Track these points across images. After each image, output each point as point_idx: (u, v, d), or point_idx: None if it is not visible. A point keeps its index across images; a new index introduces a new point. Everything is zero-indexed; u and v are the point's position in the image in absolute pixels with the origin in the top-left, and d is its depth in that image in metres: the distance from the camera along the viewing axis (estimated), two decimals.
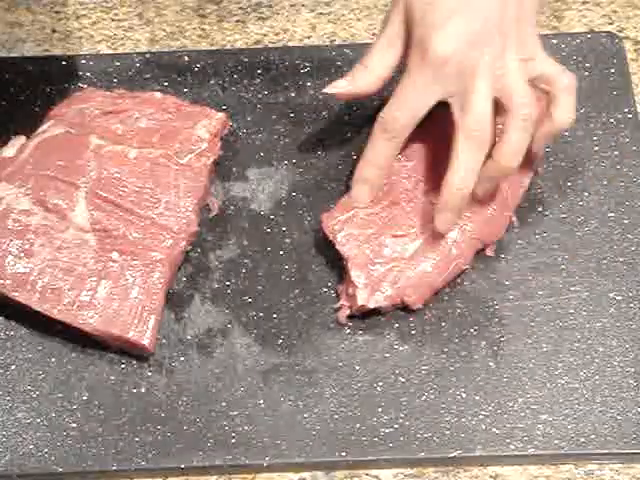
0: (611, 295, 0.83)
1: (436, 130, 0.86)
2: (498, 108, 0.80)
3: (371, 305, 0.81)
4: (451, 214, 0.81)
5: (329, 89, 0.84)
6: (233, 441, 0.78)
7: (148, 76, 0.93)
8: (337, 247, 0.83)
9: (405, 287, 0.81)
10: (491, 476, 0.78)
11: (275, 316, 0.83)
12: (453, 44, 0.78)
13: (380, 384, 0.80)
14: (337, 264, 0.84)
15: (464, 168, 0.79)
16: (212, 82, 0.92)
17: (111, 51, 0.96)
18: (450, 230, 0.82)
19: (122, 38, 0.97)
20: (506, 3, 0.79)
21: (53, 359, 0.82)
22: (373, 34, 0.96)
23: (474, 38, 0.78)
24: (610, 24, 0.96)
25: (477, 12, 0.79)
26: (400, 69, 0.82)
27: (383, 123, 0.81)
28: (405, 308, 0.82)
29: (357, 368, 0.81)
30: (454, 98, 0.80)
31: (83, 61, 0.94)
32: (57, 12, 0.98)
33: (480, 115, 0.79)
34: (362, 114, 0.91)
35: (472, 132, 0.79)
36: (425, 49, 0.78)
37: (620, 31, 0.96)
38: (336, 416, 0.79)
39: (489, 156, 0.80)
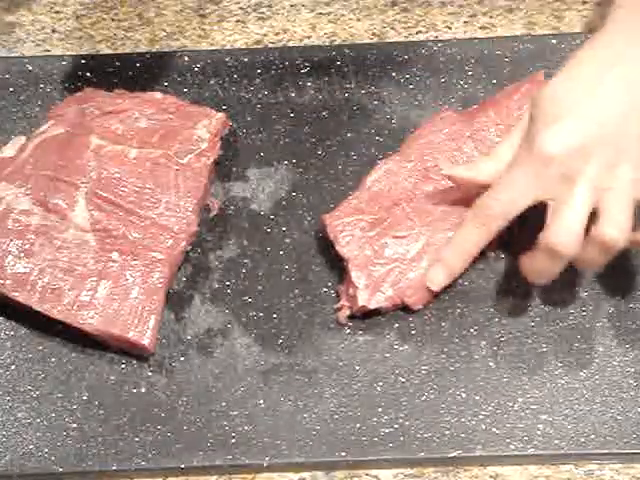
0: (611, 295, 0.83)
1: (436, 130, 0.86)
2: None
3: (372, 306, 0.81)
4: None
5: (449, 170, 0.82)
6: (233, 441, 0.78)
7: (148, 76, 0.93)
8: (338, 248, 0.83)
9: (406, 288, 0.81)
10: (491, 476, 0.78)
11: (275, 316, 0.83)
12: (561, 144, 0.75)
13: (380, 384, 0.80)
14: (337, 264, 0.84)
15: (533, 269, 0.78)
16: (212, 82, 0.92)
17: (111, 51, 0.96)
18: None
19: (122, 38, 0.97)
20: (629, 117, 0.76)
21: (53, 359, 0.82)
22: (373, 34, 0.96)
23: (586, 143, 0.75)
24: None
25: (595, 117, 0.76)
26: None
27: (476, 208, 0.79)
28: (405, 308, 0.82)
29: (357, 368, 0.81)
30: (554, 202, 0.77)
31: (83, 61, 0.94)
32: (57, 12, 0.98)
33: (566, 228, 0.76)
34: (362, 114, 0.91)
35: (550, 243, 0.76)
36: (533, 144, 0.76)
37: None
38: (336, 416, 0.79)
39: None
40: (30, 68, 0.93)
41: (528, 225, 0.85)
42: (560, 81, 0.78)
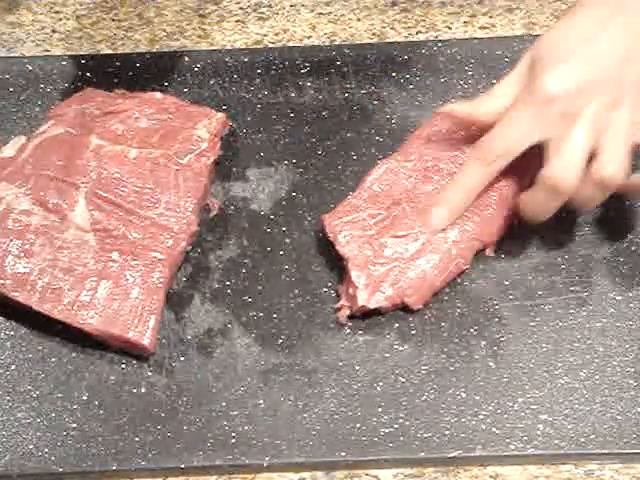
0: (611, 295, 0.83)
1: (436, 130, 0.86)
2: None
3: (372, 305, 0.81)
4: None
5: (447, 108, 0.83)
6: (233, 441, 0.78)
7: (148, 76, 0.93)
8: (337, 248, 0.83)
9: (405, 287, 0.81)
10: (491, 476, 0.78)
11: (275, 316, 0.83)
12: (562, 85, 0.77)
13: (380, 384, 0.80)
14: (337, 264, 0.84)
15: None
16: (212, 82, 0.92)
17: (111, 51, 0.96)
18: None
19: (122, 38, 0.97)
20: (628, 62, 0.78)
21: (53, 359, 0.82)
22: (373, 34, 0.96)
23: (586, 84, 0.77)
24: None
25: (597, 59, 0.78)
26: None
27: (478, 148, 0.80)
28: (405, 308, 0.82)
29: (357, 368, 0.81)
30: (552, 142, 0.78)
31: (83, 61, 0.94)
32: (57, 12, 0.98)
33: (566, 164, 0.78)
34: (362, 114, 0.91)
35: (550, 178, 0.78)
36: (535, 85, 0.78)
37: None
38: (336, 416, 0.79)
39: None
40: (30, 68, 0.93)
41: (527, 225, 0.85)
42: (561, 27, 0.80)
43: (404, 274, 0.82)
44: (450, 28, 0.96)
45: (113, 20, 0.98)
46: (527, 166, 0.82)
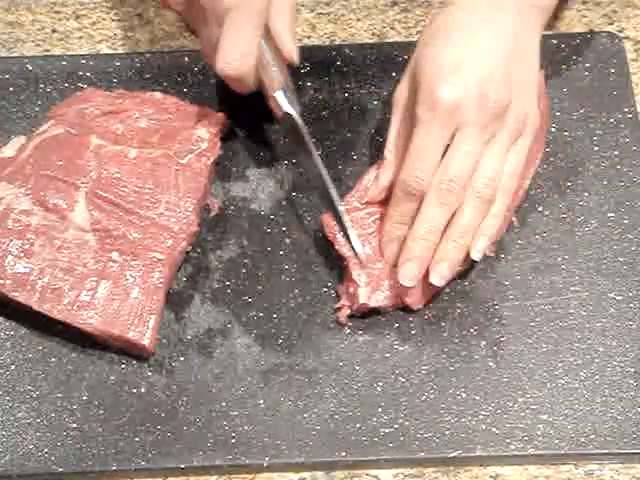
0: (611, 295, 0.83)
1: None
2: None
3: (372, 304, 0.81)
4: (415, 264, 0.80)
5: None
6: (233, 441, 0.78)
7: (148, 76, 0.93)
8: (337, 247, 0.83)
9: (406, 287, 0.81)
10: (491, 476, 0.78)
11: (275, 316, 0.83)
12: (459, 91, 0.78)
13: (380, 384, 0.80)
14: (337, 264, 0.84)
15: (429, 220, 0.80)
16: (212, 82, 0.92)
17: (111, 51, 0.96)
18: (415, 284, 0.81)
19: (122, 38, 0.97)
20: (511, 64, 0.80)
21: (53, 359, 0.82)
22: (373, 34, 0.96)
23: (478, 91, 0.79)
24: (610, 24, 0.96)
25: (482, 68, 0.79)
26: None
27: (406, 186, 0.80)
28: (405, 308, 0.82)
29: (357, 368, 0.81)
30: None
31: (83, 61, 0.94)
32: (57, 12, 0.98)
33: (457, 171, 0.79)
34: (362, 114, 0.91)
35: (441, 183, 0.79)
36: (434, 98, 0.78)
37: (620, 31, 0.96)
38: (336, 416, 0.79)
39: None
40: (30, 68, 0.93)
41: (528, 225, 0.85)
42: (438, 49, 0.81)
43: None
44: None
45: (113, 20, 0.98)
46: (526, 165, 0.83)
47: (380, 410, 0.79)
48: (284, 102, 0.84)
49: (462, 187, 0.79)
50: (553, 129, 0.89)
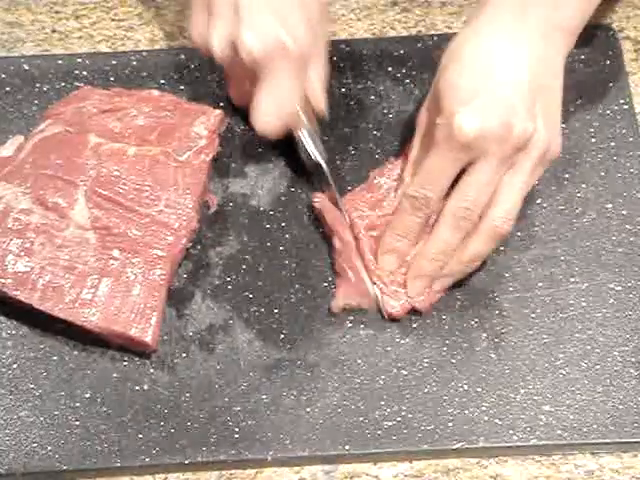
0: (611, 286, 0.83)
1: None
2: None
3: (394, 311, 0.82)
4: (424, 282, 0.82)
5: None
6: (236, 436, 0.79)
7: (145, 74, 0.93)
8: (327, 220, 0.83)
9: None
10: (491, 476, 0.79)
11: (276, 311, 0.83)
12: (479, 121, 0.76)
13: (382, 377, 0.80)
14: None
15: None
16: (209, 79, 0.92)
17: (110, 51, 0.96)
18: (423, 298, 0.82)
19: (122, 38, 0.97)
20: (532, 93, 0.78)
21: (55, 357, 0.82)
22: (373, 34, 0.96)
23: (500, 126, 0.76)
24: (610, 24, 0.96)
25: (501, 97, 0.77)
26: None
27: (415, 201, 0.80)
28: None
29: (359, 361, 0.81)
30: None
31: (80, 60, 0.93)
32: (57, 12, 0.98)
33: (470, 200, 0.79)
34: (359, 109, 0.91)
35: (458, 210, 0.79)
36: (454, 126, 0.76)
37: (620, 31, 0.95)
38: (339, 410, 0.79)
39: None
40: (27, 67, 0.93)
41: (527, 217, 0.85)
42: (458, 73, 0.78)
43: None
44: (450, 28, 0.96)
45: (113, 20, 0.98)
46: None
47: (382, 403, 0.79)
48: (312, 148, 0.85)
49: (478, 214, 0.79)
50: None
